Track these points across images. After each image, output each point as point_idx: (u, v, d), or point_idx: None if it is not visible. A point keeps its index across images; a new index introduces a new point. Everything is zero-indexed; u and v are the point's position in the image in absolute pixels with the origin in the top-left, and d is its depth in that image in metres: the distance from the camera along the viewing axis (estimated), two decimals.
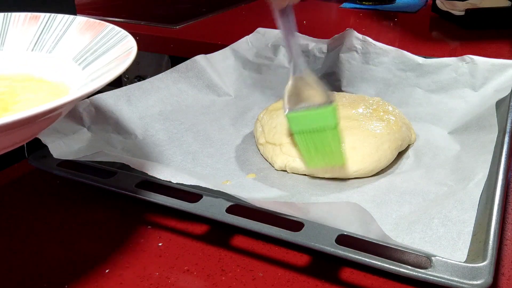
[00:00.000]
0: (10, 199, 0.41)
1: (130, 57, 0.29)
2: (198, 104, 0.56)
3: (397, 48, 0.63)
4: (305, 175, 0.44)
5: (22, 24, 0.37)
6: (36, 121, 0.25)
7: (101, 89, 0.27)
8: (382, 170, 0.44)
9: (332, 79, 0.63)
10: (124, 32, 0.34)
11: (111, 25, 0.35)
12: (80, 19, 0.37)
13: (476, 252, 0.30)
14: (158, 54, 0.97)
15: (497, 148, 0.41)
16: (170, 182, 0.36)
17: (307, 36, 0.71)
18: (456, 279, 0.27)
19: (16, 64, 0.36)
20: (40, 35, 0.37)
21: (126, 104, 0.50)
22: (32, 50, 0.37)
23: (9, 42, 0.37)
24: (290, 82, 0.42)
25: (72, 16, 0.37)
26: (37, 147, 0.41)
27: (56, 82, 0.34)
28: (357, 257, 0.29)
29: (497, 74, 0.55)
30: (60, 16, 0.37)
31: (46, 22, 0.37)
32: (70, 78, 0.34)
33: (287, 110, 0.41)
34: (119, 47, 0.32)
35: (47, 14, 0.38)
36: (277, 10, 0.40)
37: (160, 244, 0.35)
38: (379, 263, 0.28)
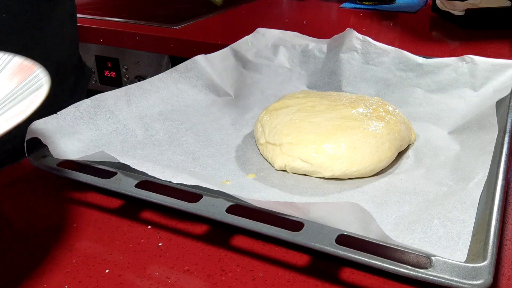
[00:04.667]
0: (10, 199, 0.41)
1: (27, 111, 0.29)
2: (198, 104, 0.56)
3: (397, 48, 0.63)
4: (305, 175, 0.44)
5: None
6: None
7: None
8: (382, 170, 0.44)
9: (332, 79, 0.63)
10: (43, 80, 0.33)
11: (39, 70, 0.34)
12: (16, 61, 0.35)
13: (476, 252, 0.30)
14: (158, 54, 0.97)
15: (497, 148, 0.41)
16: (170, 182, 0.36)
17: (307, 36, 0.71)
18: (456, 279, 0.27)
19: None
20: None
21: (126, 104, 0.50)
22: None
23: None
24: None
25: (10, 56, 0.36)
26: (37, 147, 0.41)
27: None
28: (357, 257, 0.29)
29: (497, 74, 0.55)
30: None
31: None
32: None
33: None
34: (32, 97, 0.31)
35: None
36: None
37: (160, 244, 0.35)
38: (379, 263, 0.28)
